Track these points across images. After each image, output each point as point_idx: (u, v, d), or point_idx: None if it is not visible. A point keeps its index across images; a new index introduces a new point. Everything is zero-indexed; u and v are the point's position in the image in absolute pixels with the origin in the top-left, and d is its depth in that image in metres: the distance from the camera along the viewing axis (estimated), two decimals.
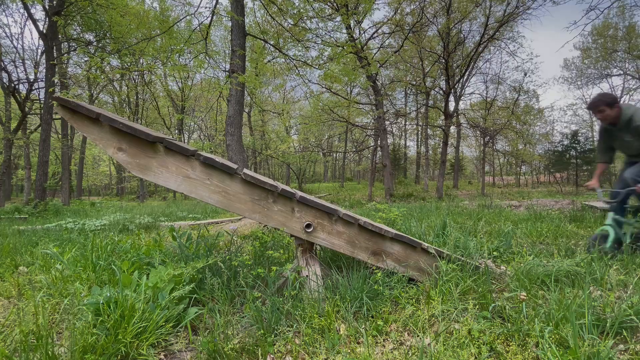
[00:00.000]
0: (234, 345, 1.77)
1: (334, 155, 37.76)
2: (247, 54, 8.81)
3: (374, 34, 15.78)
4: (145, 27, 12.18)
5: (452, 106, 19.89)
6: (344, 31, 12.26)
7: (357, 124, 20.93)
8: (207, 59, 8.11)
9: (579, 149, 20.97)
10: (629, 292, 2.07)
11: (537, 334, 1.69)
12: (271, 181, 2.32)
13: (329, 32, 10.64)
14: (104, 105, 25.12)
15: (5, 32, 31.87)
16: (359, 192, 22.40)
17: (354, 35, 13.18)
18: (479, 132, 22.76)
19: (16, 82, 15.67)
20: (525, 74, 19.48)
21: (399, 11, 14.93)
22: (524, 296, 2.10)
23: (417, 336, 1.84)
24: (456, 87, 19.96)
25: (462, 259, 2.57)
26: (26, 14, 14.41)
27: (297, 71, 9.76)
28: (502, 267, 2.97)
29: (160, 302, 1.99)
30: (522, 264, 2.56)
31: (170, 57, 8.96)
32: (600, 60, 26.00)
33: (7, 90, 14.71)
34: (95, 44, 15.62)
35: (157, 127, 27.33)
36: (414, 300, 2.22)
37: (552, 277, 2.26)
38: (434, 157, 30.68)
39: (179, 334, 2.00)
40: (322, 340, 1.82)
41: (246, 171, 2.24)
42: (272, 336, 1.88)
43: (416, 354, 1.69)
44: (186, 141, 29.37)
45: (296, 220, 2.31)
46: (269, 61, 12.17)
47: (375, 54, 16.66)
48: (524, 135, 23.00)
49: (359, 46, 12.72)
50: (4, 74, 14.98)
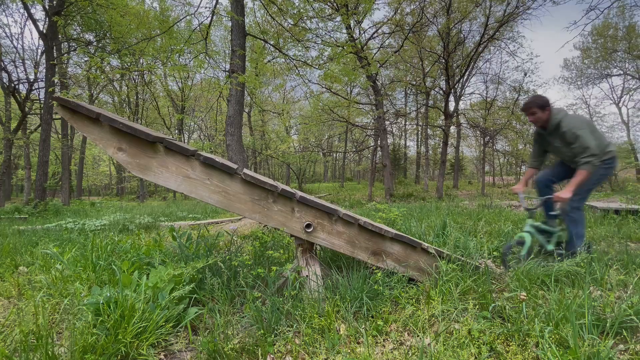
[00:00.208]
0: (234, 345, 1.77)
1: (334, 155, 37.75)
2: (247, 54, 8.80)
3: (374, 34, 15.78)
4: (145, 27, 12.17)
5: (452, 106, 19.88)
6: (344, 31, 12.25)
7: (357, 124, 20.91)
8: (207, 59, 8.10)
9: None
10: (629, 292, 2.07)
11: (537, 334, 1.69)
12: (271, 181, 2.33)
13: (329, 32, 10.64)
14: (104, 105, 25.11)
15: (5, 32, 31.81)
16: (359, 192, 22.39)
17: (354, 35, 13.18)
18: (479, 132, 22.74)
19: (16, 82, 15.66)
20: (525, 74, 19.45)
21: (399, 11, 14.92)
22: (524, 296, 2.10)
23: (417, 336, 1.84)
24: (456, 87, 19.94)
25: (462, 259, 2.57)
26: (26, 14, 14.40)
27: (297, 71, 9.76)
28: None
29: (160, 302, 1.99)
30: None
31: (170, 57, 8.96)
32: (600, 60, 25.99)
33: (7, 90, 14.71)
34: (95, 44, 15.62)
35: (157, 127, 27.31)
36: (414, 300, 2.22)
37: (552, 277, 2.26)
38: (434, 157, 30.67)
39: (179, 334, 2.00)
40: (322, 340, 1.82)
41: (246, 171, 2.24)
42: (272, 336, 1.88)
43: (416, 354, 1.69)
44: (186, 141, 29.36)
45: (296, 220, 2.32)
46: (269, 61, 12.17)
47: (375, 54, 16.65)
48: (524, 135, 22.99)
49: (359, 46, 12.72)
50: (4, 74, 14.97)
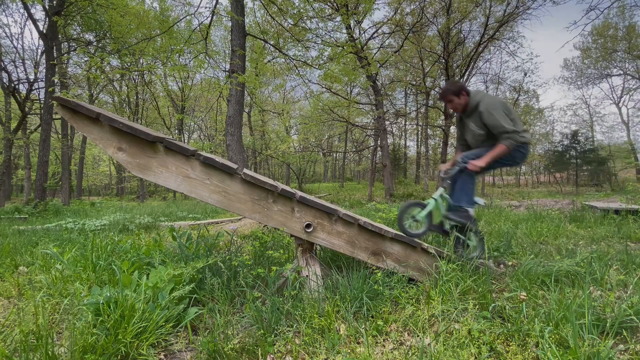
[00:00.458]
0: (234, 345, 1.77)
1: (334, 155, 37.74)
2: (247, 54, 8.81)
3: (374, 34, 15.77)
4: (145, 27, 12.17)
5: None
6: (344, 31, 12.25)
7: (357, 124, 20.91)
8: (207, 59, 8.10)
9: (579, 149, 20.97)
10: (629, 292, 2.07)
11: (537, 334, 1.69)
12: (271, 181, 2.33)
13: (329, 32, 10.64)
14: (104, 105, 25.11)
15: (5, 32, 31.90)
16: (359, 192, 22.39)
17: (354, 35, 13.17)
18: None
19: (16, 82, 15.66)
20: (525, 74, 19.46)
21: (399, 11, 14.92)
22: (524, 296, 2.10)
23: (417, 336, 1.84)
24: None
25: (462, 258, 2.57)
26: (26, 14, 14.41)
27: (297, 71, 9.76)
28: (503, 263, 2.97)
29: (160, 302, 1.99)
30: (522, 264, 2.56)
31: (170, 57, 8.96)
32: (600, 60, 26.01)
33: (7, 90, 14.70)
34: (95, 44, 15.62)
35: (157, 127, 27.31)
36: (414, 300, 2.22)
37: (552, 277, 2.26)
38: (434, 157, 30.65)
39: (179, 334, 2.00)
40: (322, 340, 1.82)
41: (246, 171, 2.24)
42: (272, 336, 1.88)
43: (416, 354, 1.69)
44: (186, 141, 29.36)
45: (296, 220, 2.32)
46: (269, 61, 12.18)
47: (375, 54, 16.65)
48: None
49: (359, 46, 12.71)
50: (4, 74, 14.97)
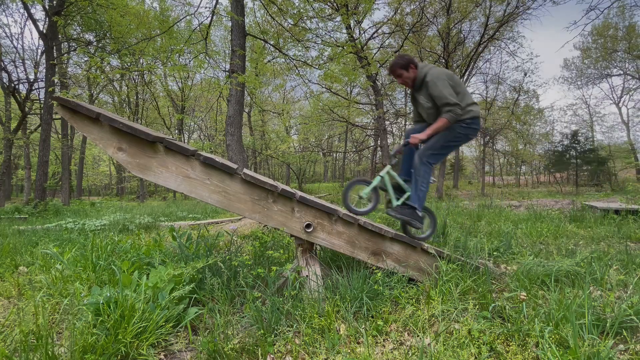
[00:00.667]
0: (234, 345, 1.77)
1: (334, 155, 37.72)
2: (247, 54, 8.80)
3: (374, 34, 15.77)
4: (145, 27, 12.16)
5: None
6: (344, 31, 12.24)
7: (357, 124, 20.92)
8: (207, 59, 8.10)
9: (579, 149, 20.97)
10: (629, 292, 2.07)
11: (537, 334, 1.69)
12: (271, 181, 2.33)
13: (329, 32, 10.63)
14: (104, 105, 25.10)
15: (5, 32, 31.89)
16: None
17: (354, 35, 13.17)
18: (479, 132, 22.74)
19: (16, 82, 15.65)
20: (525, 74, 19.45)
21: (399, 11, 14.91)
22: (524, 296, 2.10)
23: (417, 336, 1.84)
24: None
25: (462, 259, 2.57)
26: (26, 14, 14.40)
27: (297, 71, 9.76)
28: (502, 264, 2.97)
29: (160, 302, 1.99)
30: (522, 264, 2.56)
31: (170, 57, 8.96)
32: (600, 60, 26.00)
33: (7, 90, 14.70)
34: (95, 44, 15.62)
35: (157, 127, 27.30)
36: (414, 300, 2.22)
37: (552, 277, 2.26)
38: None
39: (179, 334, 2.00)
40: (322, 340, 1.82)
41: (246, 171, 2.24)
42: (272, 336, 1.88)
43: (416, 354, 1.69)
44: (186, 141, 29.35)
45: (296, 220, 2.32)
46: (269, 61, 12.17)
47: (375, 54, 16.63)
48: (524, 135, 23.01)
49: (359, 46, 12.70)
50: (4, 74, 14.97)
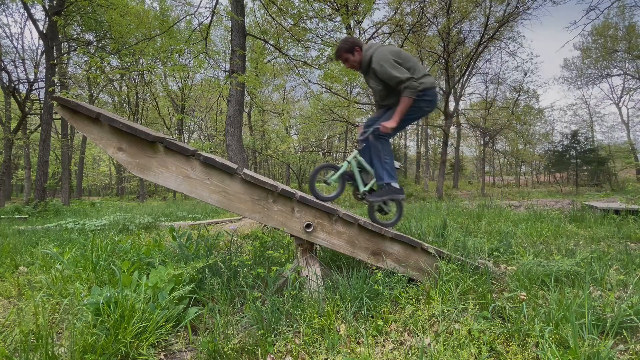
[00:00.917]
0: (234, 345, 1.77)
1: (334, 155, 37.73)
2: (247, 54, 8.80)
3: (374, 34, 15.75)
4: (145, 27, 12.15)
5: (452, 106, 19.90)
6: (344, 31, 12.22)
7: (357, 124, 20.90)
8: (207, 59, 8.10)
9: (579, 149, 20.99)
10: (629, 292, 2.07)
11: (537, 334, 1.69)
12: (271, 181, 2.33)
13: (329, 32, 10.61)
14: (104, 105, 25.10)
15: (5, 32, 31.93)
16: None
17: (354, 35, 13.17)
18: (479, 132, 22.75)
19: (16, 82, 15.66)
20: (525, 74, 19.48)
21: (399, 11, 14.92)
22: (524, 296, 2.10)
23: (417, 336, 1.84)
24: (456, 87, 19.97)
25: (462, 259, 2.57)
26: (26, 14, 14.41)
27: (297, 71, 9.76)
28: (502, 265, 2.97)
29: (160, 302, 1.99)
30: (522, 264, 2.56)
31: (170, 57, 8.95)
32: (600, 60, 26.01)
33: (7, 90, 14.70)
34: (95, 44, 15.62)
35: (157, 127, 27.30)
36: (414, 300, 2.22)
37: (552, 277, 2.26)
38: (434, 157, 30.68)
39: (179, 334, 2.00)
40: (322, 340, 1.82)
41: (246, 171, 2.24)
42: (272, 336, 1.88)
43: (416, 354, 1.69)
44: (186, 141, 29.35)
45: (296, 220, 2.32)
46: (269, 61, 12.16)
47: None
48: (524, 135, 23.01)
49: None
50: (4, 74, 14.97)
